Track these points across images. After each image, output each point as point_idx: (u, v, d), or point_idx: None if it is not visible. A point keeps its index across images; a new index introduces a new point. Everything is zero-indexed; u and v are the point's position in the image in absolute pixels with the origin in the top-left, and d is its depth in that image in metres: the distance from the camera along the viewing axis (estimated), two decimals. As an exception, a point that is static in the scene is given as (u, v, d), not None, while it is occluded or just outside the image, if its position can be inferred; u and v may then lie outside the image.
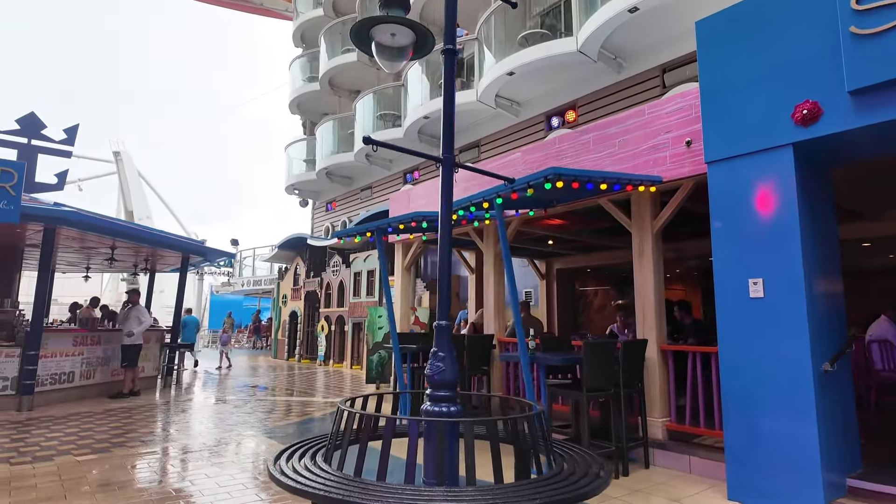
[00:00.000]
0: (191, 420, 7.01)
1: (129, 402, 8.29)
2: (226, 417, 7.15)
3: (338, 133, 17.27)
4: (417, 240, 8.56)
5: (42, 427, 6.23)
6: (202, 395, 9.28)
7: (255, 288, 23.28)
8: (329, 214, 19.58)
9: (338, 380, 11.80)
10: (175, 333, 10.49)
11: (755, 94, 4.04)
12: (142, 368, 9.73)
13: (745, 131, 4.09)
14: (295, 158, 19.90)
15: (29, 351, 7.34)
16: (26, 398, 7.27)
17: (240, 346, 23.83)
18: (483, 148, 12.97)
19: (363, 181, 17.54)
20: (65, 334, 8.28)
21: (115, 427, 6.36)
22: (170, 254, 10.34)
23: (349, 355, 14.35)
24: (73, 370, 8.33)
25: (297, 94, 19.30)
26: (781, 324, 3.77)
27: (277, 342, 18.27)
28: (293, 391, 9.87)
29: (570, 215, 6.76)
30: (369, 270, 14.00)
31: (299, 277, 17.52)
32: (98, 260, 11.28)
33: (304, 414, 7.52)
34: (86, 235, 8.36)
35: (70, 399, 8.25)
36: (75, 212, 7.06)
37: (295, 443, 3.34)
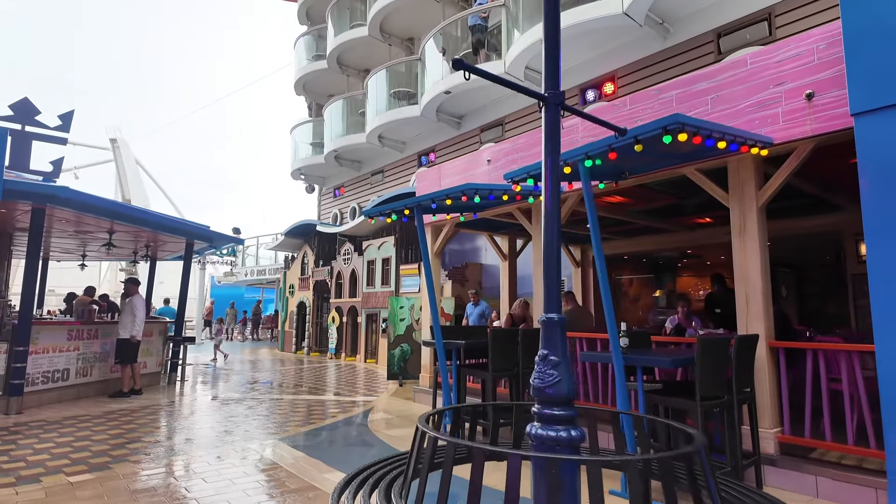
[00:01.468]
0: (200, 425, 6.19)
1: (129, 403, 7.47)
2: (240, 421, 6.34)
3: (347, 114, 16.34)
4: (449, 223, 7.70)
5: (31, 435, 5.41)
6: (209, 394, 8.46)
7: (258, 278, 22.43)
8: (337, 200, 18.69)
9: (354, 375, 10.99)
10: (179, 325, 9.66)
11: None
12: (143, 364, 8.91)
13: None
14: (301, 142, 18.97)
15: (17, 346, 6.51)
16: (14, 400, 6.45)
17: (242, 338, 23.04)
18: (507, 126, 12.08)
19: (374, 165, 16.64)
20: (58, 328, 7.44)
21: (116, 434, 5.54)
22: (172, 239, 9.48)
23: (363, 348, 13.55)
24: (67, 367, 7.50)
25: (302, 74, 18.33)
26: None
27: (284, 334, 17.45)
28: (310, 388, 9.06)
29: (636, 191, 5.91)
30: (384, 258, 13.16)
31: (307, 266, 16.68)
32: (95, 246, 10.41)
33: (327, 416, 6.71)
34: (81, 217, 7.49)
35: (65, 399, 7.43)
36: (67, 188, 6.19)
37: (357, 472, 2.54)
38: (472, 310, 9.56)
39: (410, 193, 11.89)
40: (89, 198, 6.65)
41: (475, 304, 9.59)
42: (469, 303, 9.79)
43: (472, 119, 13.01)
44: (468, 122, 13.13)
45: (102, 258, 13.15)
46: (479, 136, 12.78)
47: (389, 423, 6.28)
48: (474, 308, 9.54)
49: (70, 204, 6.65)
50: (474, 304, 9.60)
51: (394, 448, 5.08)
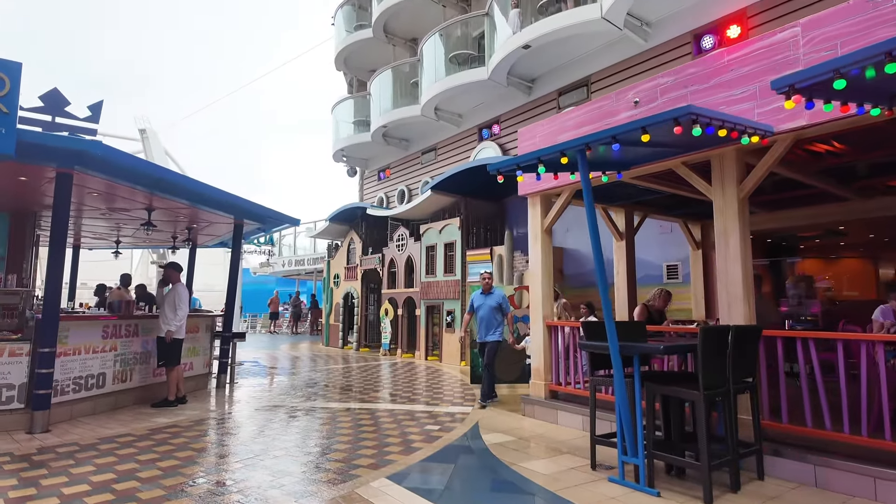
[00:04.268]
0: (273, 450, 4.77)
1: (176, 415, 6.11)
2: (321, 443, 4.90)
3: (396, 86, 14.81)
4: (566, 190, 6.11)
5: (58, 470, 4.03)
6: (270, 402, 7.07)
7: (296, 268, 21.19)
8: (382, 184, 17.23)
9: (423, 376, 9.52)
10: (228, 320, 8.30)
11: None
12: (188, 365, 7.58)
13: None
14: (342, 121, 17.55)
15: (42, 347, 5.17)
16: (40, 415, 5.11)
17: (278, 331, 21.90)
18: (594, 86, 10.38)
19: (425, 142, 15.10)
20: (90, 323, 6.11)
21: (168, 468, 4.13)
22: (219, 219, 8.10)
23: (423, 344, 12.08)
24: (103, 371, 6.17)
25: (344, 46, 16.84)
26: None
27: (330, 328, 16.12)
28: (384, 395, 7.61)
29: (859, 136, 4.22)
30: (447, 243, 11.63)
31: (354, 254, 15.28)
32: (130, 229, 9.12)
33: (427, 435, 5.22)
34: (114, 189, 6.13)
35: (100, 410, 6.11)
36: (99, 143, 4.78)
37: None
38: (481, 300, 7.08)
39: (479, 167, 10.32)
40: (127, 158, 5.25)
41: (486, 291, 7.13)
42: (478, 290, 7.35)
43: (547, 81, 11.34)
44: (542, 84, 11.46)
45: (138, 244, 11.94)
46: (557, 100, 11.11)
47: (520, 451, 4.75)
48: (485, 298, 7.08)
49: (104, 166, 5.27)
50: (485, 291, 7.15)
51: (560, 496, 3.55)
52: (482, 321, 7.02)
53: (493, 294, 7.13)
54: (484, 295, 7.15)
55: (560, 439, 5.12)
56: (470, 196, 11.64)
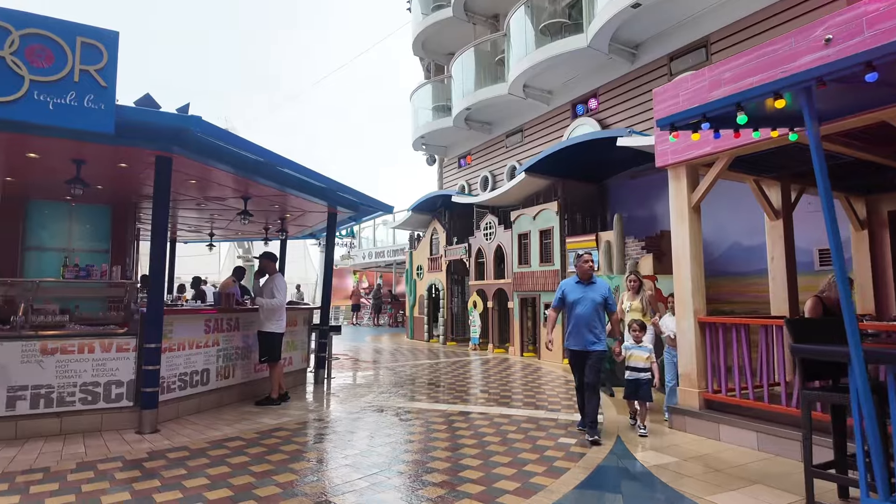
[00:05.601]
0: (396, 464, 4.18)
1: (280, 416, 5.70)
2: (451, 456, 4.25)
3: (479, 65, 14.00)
4: (722, 157, 5.06)
5: (171, 481, 3.62)
6: (374, 403, 6.55)
7: (376, 261, 21.01)
8: (463, 171, 16.54)
9: (526, 375, 8.73)
10: (325, 313, 7.90)
11: None
12: (288, 360, 7.23)
13: None
14: (421, 108, 17.00)
15: (148, 343, 4.86)
16: (148, 414, 4.82)
17: (360, 323, 21.87)
18: (714, 47, 9.06)
19: (510, 124, 14.21)
20: (193, 317, 5.82)
21: (286, 484, 3.62)
22: (313, 207, 7.68)
23: (517, 339, 11.28)
24: (207, 367, 5.87)
25: (421, 29, 16.22)
26: None
27: (414, 321, 15.69)
28: (493, 396, 6.90)
29: None
30: (543, 230, 10.72)
31: (437, 245, 14.70)
32: (223, 221, 8.95)
33: (571, 453, 4.43)
34: (209, 174, 5.78)
35: (205, 408, 5.82)
36: (199, 119, 4.33)
37: None
38: (578, 292, 5.01)
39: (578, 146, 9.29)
40: (227, 134, 4.81)
41: (586, 280, 5.05)
42: (570, 278, 5.25)
43: (654, 46, 10.10)
44: (648, 50, 10.24)
45: (229, 237, 11.97)
46: (669, 65, 9.86)
47: (694, 478, 3.86)
48: (584, 289, 5.01)
49: (203, 146, 4.87)
50: (583, 280, 5.06)
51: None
52: (580, 321, 4.87)
53: (595, 284, 5.04)
54: (583, 285, 5.03)
55: (735, 462, 4.16)
56: (567, 178, 10.66)
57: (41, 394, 4.56)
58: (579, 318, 4.90)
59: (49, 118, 3.83)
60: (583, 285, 5.07)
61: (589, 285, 5.05)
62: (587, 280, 5.08)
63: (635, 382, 5.09)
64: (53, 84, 3.84)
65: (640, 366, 5.10)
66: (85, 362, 4.74)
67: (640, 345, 5.22)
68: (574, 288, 5.08)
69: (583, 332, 4.88)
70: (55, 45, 3.87)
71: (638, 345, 5.21)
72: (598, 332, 4.91)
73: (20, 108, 3.75)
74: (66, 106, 3.87)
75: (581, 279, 5.10)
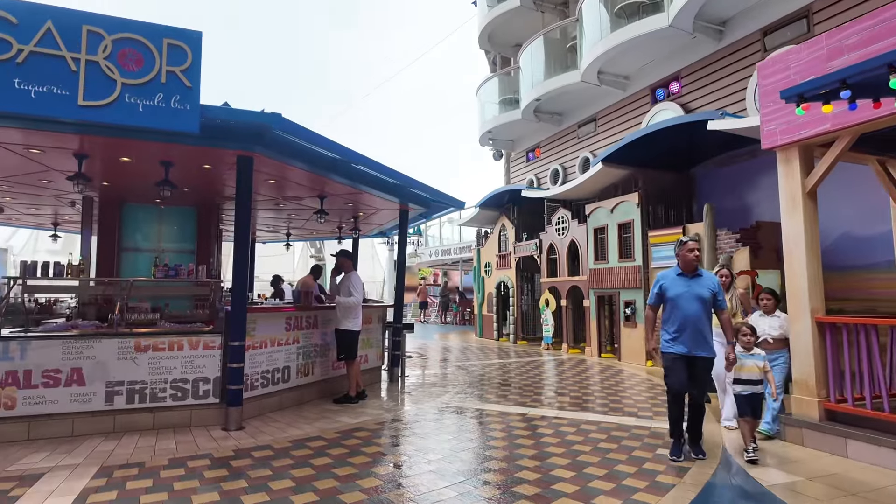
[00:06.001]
0: (481, 473, 3.95)
1: (359, 415, 5.63)
2: (540, 466, 3.96)
3: (548, 54, 13.51)
4: (844, 135, 4.42)
5: (257, 482, 3.58)
6: (451, 403, 6.37)
7: (443, 258, 20.96)
8: (531, 165, 16.08)
9: (607, 378, 8.25)
10: (399, 310, 7.82)
11: None
12: (364, 357, 7.20)
13: None
14: (487, 102, 16.70)
15: (232, 341, 4.93)
16: (233, 411, 4.89)
17: (427, 320, 21.92)
18: (817, 16, 8.13)
19: (582, 114, 13.61)
20: (274, 315, 5.88)
21: (371, 489, 3.48)
22: (385, 205, 7.62)
23: (595, 339, 10.75)
24: (287, 365, 5.92)
25: (487, 21, 15.90)
26: None
27: (483, 318, 15.44)
28: (575, 399, 6.52)
29: None
30: (622, 224, 10.13)
31: (506, 241, 14.36)
32: (299, 221, 9.11)
33: (673, 467, 4.02)
34: (286, 173, 5.80)
35: (286, 405, 5.86)
36: (280, 115, 4.30)
37: None
38: (681, 286, 4.22)
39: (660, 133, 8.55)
40: (307, 131, 4.76)
41: (690, 271, 4.26)
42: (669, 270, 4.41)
43: (743, 21, 9.24)
44: (737, 27, 9.39)
45: (304, 236, 12.26)
46: (762, 41, 8.98)
47: (828, 503, 3.34)
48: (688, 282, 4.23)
49: (282, 145, 4.87)
50: (687, 271, 4.27)
51: None
52: (686, 321, 4.10)
53: (701, 278, 4.24)
54: (685, 278, 4.23)
55: (872, 483, 3.59)
56: (648, 167, 10.00)
57: (136, 389, 4.73)
58: (686, 318, 4.12)
59: (139, 120, 3.92)
60: (686, 278, 4.26)
61: (693, 278, 4.25)
62: (691, 272, 4.26)
63: (749, 398, 4.25)
64: (142, 86, 3.93)
65: (755, 378, 4.28)
66: (174, 359, 4.87)
67: (753, 353, 4.39)
68: (675, 281, 4.27)
69: (690, 333, 4.11)
70: (144, 47, 3.96)
71: (750, 353, 4.38)
72: (708, 334, 4.16)
73: (113, 112, 3.86)
74: (154, 107, 3.95)
75: (684, 271, 4.28)
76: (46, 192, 6.69)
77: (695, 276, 4.26)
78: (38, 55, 3.67)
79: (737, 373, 4.31)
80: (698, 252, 4.28)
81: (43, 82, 3.66)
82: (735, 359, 4.23)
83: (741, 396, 4.30)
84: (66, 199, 7.26)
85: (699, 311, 4.13)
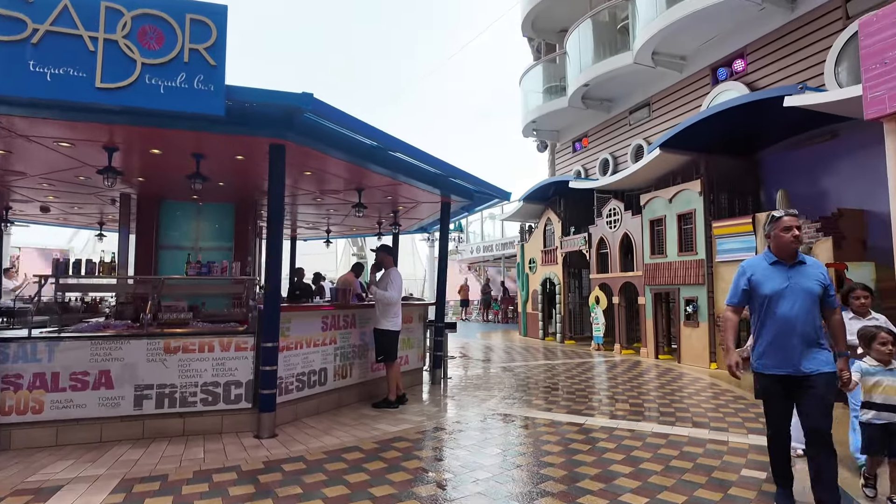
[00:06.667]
0: (536, 497, 3.42)
1: (399, 422, 5.22)
2: (609, 491, 3.42)
3: (597, 37, 12.75)
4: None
5: (285, 498, 3.22)
6: (497, 409, 5.88)
7: (484, 254, 20.44)
8: (578, 155, 15.34)
9: (669, 383, 7.55)
10: (440, 309, 7.39)
11: None
12: (404, 359, 6.81)
13: None
14: (531, 91, 16.05)
15: (265, 342, 4.61)
16: (266, 417, 4.57)
17: (468, 318, 21.47)
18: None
19: (634, 99, 12.78)
20: (310, 314, 5.54)
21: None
22: (426, 197, 7.19)
23: (651, 339, 10.00)
24: (324, 366, 5.58)
25: (533, 5, 15.23)
26: None
27: (527, 317, 14.85)
28: (636, 408, 5.90)
29: None
30: (681, 214, 9.34)
31: (552, 236, 13.70)
32: (339, 216, 8.82)
33: (762, 494, 3.40)
34: (323, 164, 5.46)
35: (323, 409, 5.53)
36: (310, 96, 3.92)
37: None
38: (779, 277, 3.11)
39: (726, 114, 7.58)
40: (339, 113, 4.37)
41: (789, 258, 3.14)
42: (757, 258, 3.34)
43: (824, -13, 8.29)
44: (815, -6, 8.43)
45: (344, 233, 12.03)
46: (843, 6, 8.01)
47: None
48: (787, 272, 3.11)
49: (313, 129, 4.51)
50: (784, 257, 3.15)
51: None
52: (787, 327, 3.04)
53: (806, 266, 3.14)
54: (783, 267, 3.14)
55: None
56: (711, 153, 9.17)
57: (165, 393, 4.48)
58: (785, 322, 3.03)
59: (161, 102, 3.63)
60: (783, 267, 3.12)
61: (795, 267, 3.11)
62: (791, 259, 3.13)
63: (885, 429, 3.19)
64: (164, 66, 3.63)
65: (894, 402, 3.19)
66: (205, 361, 4.60)
67: (891, 368, 3.25)
68: (770, 272, 3.15)
69: (792, 343, 3.01)
70: (165, 24, 3.66)
71: (887, 368, 3.25)
72: (818, 341, 3.03)
73: (133, 94, 3.57)
74: (176, 89, 3.64)
75: (780, 257, 3.15)
76: (84, 189, 6.62)
77: (796, 265, 3.12)
78: (54, 35, 3.42)
79: (868, 394, 3.28)
80: (798, 231, 3.10)
81: (59, 64, 3.41)
82: (850, 377, 3.11)
83: (873, 426, 3.24)
84: (106, 197, 7.19)
85: (807, 311, 3.02)
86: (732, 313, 3.31)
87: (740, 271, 3.31)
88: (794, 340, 3.01)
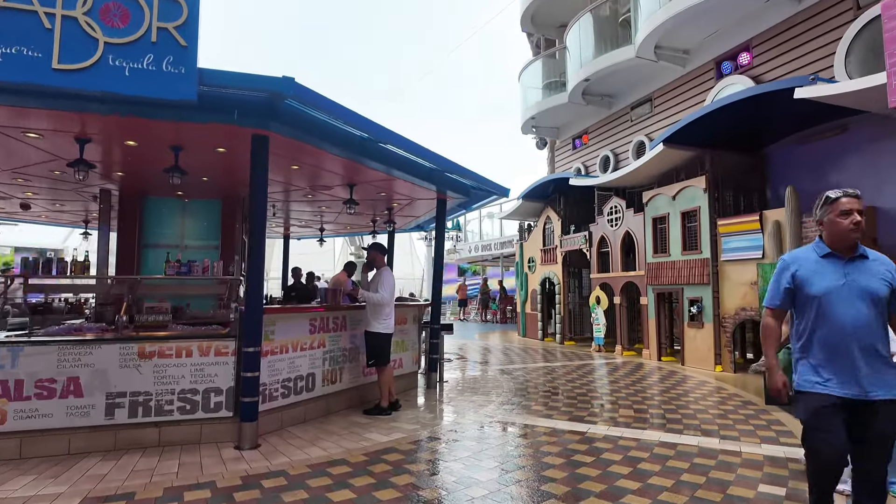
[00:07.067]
0: (545, 502, 3.14)
1: (391, 430, 4.92)
2: (620, 495, 3.14)
3: (597, 32, 12.46)
4: None
5: (263, 522, 2.91)
6: (496, 416, 5.59)
7: (482, 254, 20.14)
8: (578, 153, 15.06)
9: (673, 386, 7.27)
10: (436, 310, 7.09)
11: None
12: (398, 362, 6.51)
13: None
14: (530, 87, 15.77)
15: (247, 346, 4.30)
16: (248, 427, 4.26)
17: (467, 318, 21.19)
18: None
19: (635, 94, 12.50)
20: (297, 316, 5.24)
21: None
22: (421, 193, 6.90)
23: (653, 340, 9.72)
24: (312, 372, 5.28)
25: (532, 0, 14.95)
26: None
27: (526, 317, 14.56)
28: (643, 415, 5.62)
29: None
30: (686, 212, 9.05)
31: (551, 234, 13.42)
32: (332, 214, 8.51)
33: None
34: (313, 158, 5.15)
35: (311, 417, 5.22)
36: (292, 80, 3.62)
37: None
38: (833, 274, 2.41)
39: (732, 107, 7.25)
40: (325, 99, 4.06)
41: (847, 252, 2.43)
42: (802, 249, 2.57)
43: (834, -25, 8.00)
44: (826, -19, 8.15)
45: (339, 231, 11.73)
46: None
47: None
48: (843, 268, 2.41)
49: (297, 118, 4.21)
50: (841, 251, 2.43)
51: None
52: (845, 335, 2.36)
53: (868, 261, 2.45)
54: (839, 261, 2.45)
55: None
56: (716, 148, 8.88)
57: (139, 401, 4.17)
58: (843, 329, 2.37)
59: (126, 86, 3.32)
60: (839, 261, 2.45)
61: (853, 261, 2.43)
62: (849, 252, 2.45)
63: None
64: (129, 46, 3.32)
65: None
66: (183, 367, 4.29)
67: None
68: (819, 267, 2.47)
69: (853, 356, 2.35)
70: (131, 0, 3.35)
71: None
72: (884, 353, 2.37)
73: (94, 77, 3.27)
74: (143, 71, 3.34)
75: (835, 249, 2.46)
76: (63, 185, 6.31)
77: (856, 259, 2.44)
78: (6, 10, 3.12)
79: None
80: (860, 216, 2.40)
81: (11, 43, 3.10)
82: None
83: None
84: (87, 194, 6.89)
85: (869, 317, 2.36)
86: (773, 319, 2.57)
87: (782, 265, 2.58)
88: (853, 354, 2.34)
